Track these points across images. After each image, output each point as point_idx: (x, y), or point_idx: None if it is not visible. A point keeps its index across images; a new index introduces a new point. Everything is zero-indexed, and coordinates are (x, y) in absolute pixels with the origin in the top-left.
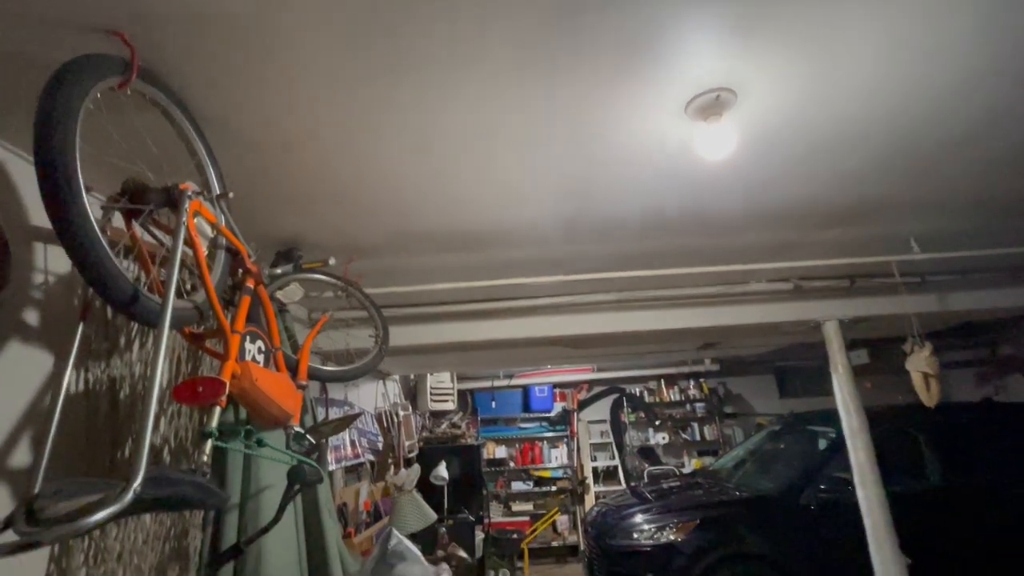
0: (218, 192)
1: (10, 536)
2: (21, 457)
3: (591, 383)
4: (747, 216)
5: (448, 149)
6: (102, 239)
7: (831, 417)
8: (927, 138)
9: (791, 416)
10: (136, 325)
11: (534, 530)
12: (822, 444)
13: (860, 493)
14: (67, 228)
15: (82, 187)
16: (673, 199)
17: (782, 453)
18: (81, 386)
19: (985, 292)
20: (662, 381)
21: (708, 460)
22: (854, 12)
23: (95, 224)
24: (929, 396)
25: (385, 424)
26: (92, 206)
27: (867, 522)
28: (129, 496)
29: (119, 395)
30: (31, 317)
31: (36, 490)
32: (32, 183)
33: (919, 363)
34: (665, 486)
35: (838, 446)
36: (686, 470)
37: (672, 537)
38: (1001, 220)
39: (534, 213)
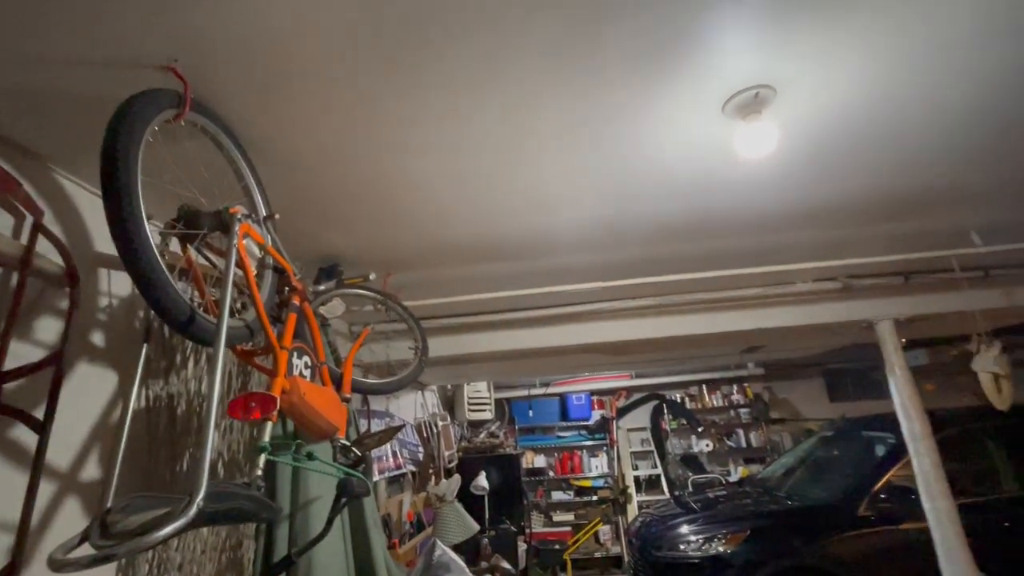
0: (265, 214)
1: (86, 550)
2: (93, 472)
3: (629, 390)
4: (792, 214)
5: (479, 158)
6: (162, 264)
7: (888, 422)
8: (984, 124)
9: (844, 421)
10: (190, 344)
11: (576, 540)
12: (880, 450)
13: (927, 504)
14: (132, 256)
15: (144, 216)
16: (714, 199)
17: (836, 460)
18: (143, 403)
19: None
20: (704, 386)
21: (755, 468)
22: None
23: (156, 251)
24: (1000, 398)
25: (425, 434)
26: (152, 233)
27: (936, 536)
28: (193, 511)
29: (176, 411)
30: (97, 339)
31: (108, 504)
32: (96, 213)
33: (987, 363)
34: (711, 495)
35: (898, 452)
36: (732, 478)
37: (721, 549)
38: None
39: (571, 218)
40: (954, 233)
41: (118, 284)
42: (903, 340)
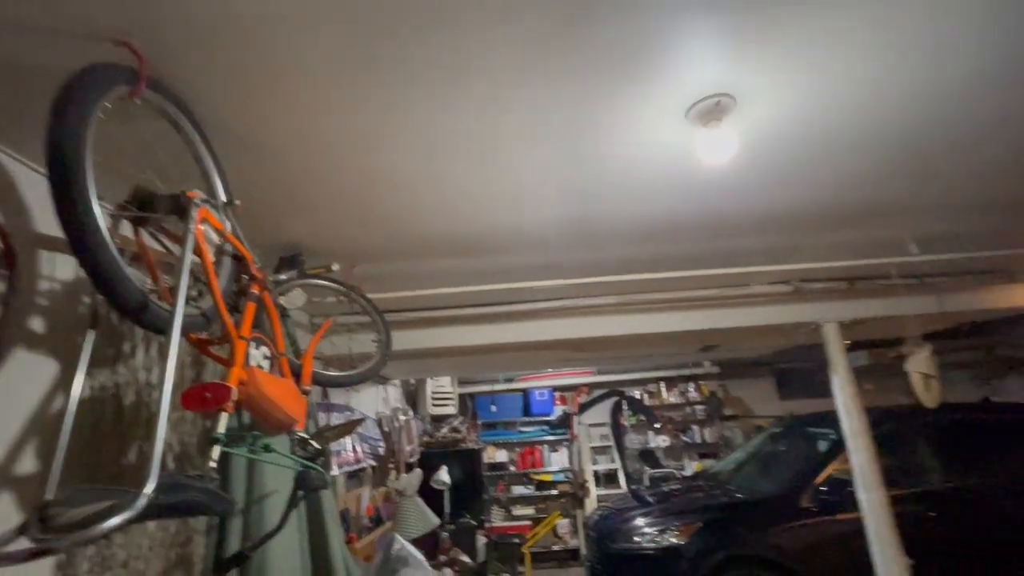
0: (224, 199)
1: (25, 543)
2: (30, 464)
3: (591, 386)
4: (748, 219)
5: (450, 153)
6: (113, 248)
7: (831, 419)
8: (928, 141)
9: (790, 418)
10: (140, 331)
11: (535, 534)
12: (822, 446)
13: (861, 495)
14: (80, 238)
15: (94, 197)
16: (675, 203)
17: (782, 455)
18: (87, 392)
19: (982, 293)
20: (662, 384)
21: (709, 463)
22: (854, 17)
23: (106, 234)
24: (929, 397)
25: (386, 429)
26: (102, 214)
27: (869, 524)
28: (143, 502)
29: (124, 401)
30: (37, 324)
31: (49, 497)
32: (37, 191)
33: (919, 364)
34: (666, 489)
35: (838, 448)
36: (687, 473)
37: (674, 540)
38: (1001, 221)
39: (536, 216)
40: (894, 242)
41: (61, 267)
42: (847, 342)
